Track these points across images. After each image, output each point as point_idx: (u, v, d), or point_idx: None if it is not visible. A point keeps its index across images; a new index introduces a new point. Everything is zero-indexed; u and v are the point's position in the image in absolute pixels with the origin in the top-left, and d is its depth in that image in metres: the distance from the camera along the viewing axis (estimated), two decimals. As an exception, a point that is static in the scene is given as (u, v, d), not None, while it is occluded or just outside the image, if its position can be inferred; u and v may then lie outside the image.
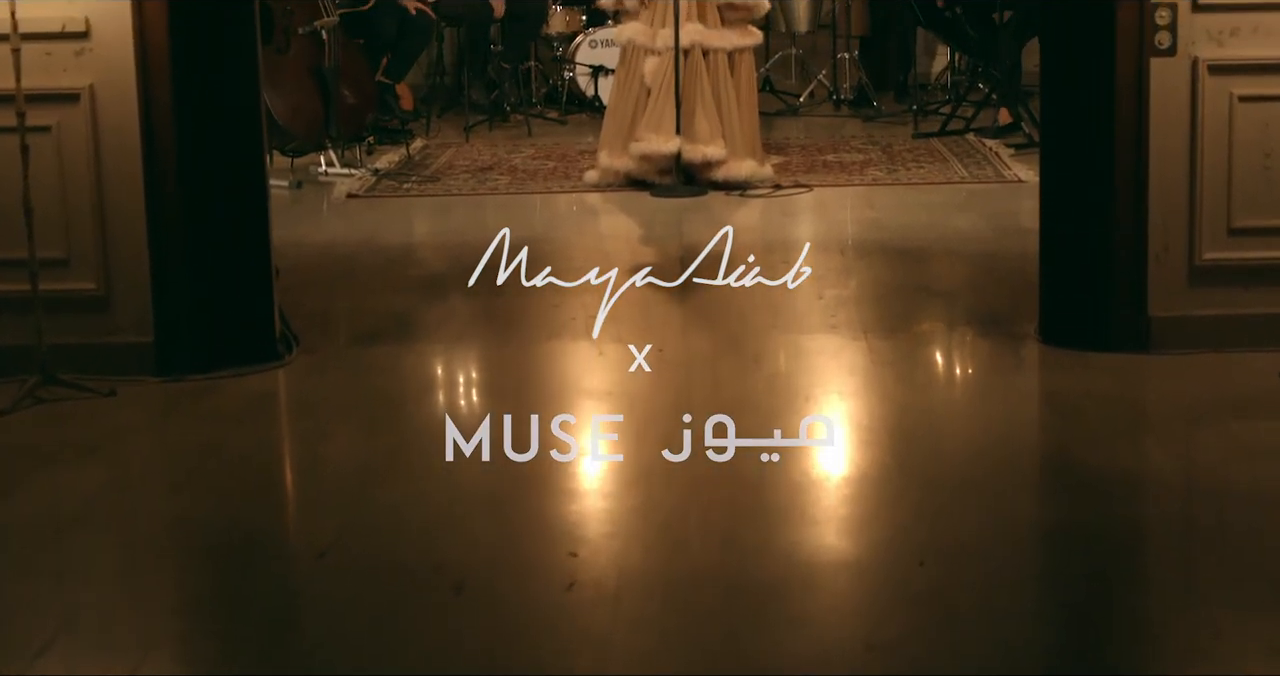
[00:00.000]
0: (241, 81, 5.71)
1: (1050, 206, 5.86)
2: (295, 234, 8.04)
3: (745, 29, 9.14)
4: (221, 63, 5.66)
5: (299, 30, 9.26)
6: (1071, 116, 5.72)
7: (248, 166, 5.78)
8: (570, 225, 8.31)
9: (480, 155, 10.37)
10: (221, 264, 5.75)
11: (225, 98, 5.69)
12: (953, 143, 10.50)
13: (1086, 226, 5.72)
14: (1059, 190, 5.81)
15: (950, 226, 8.01)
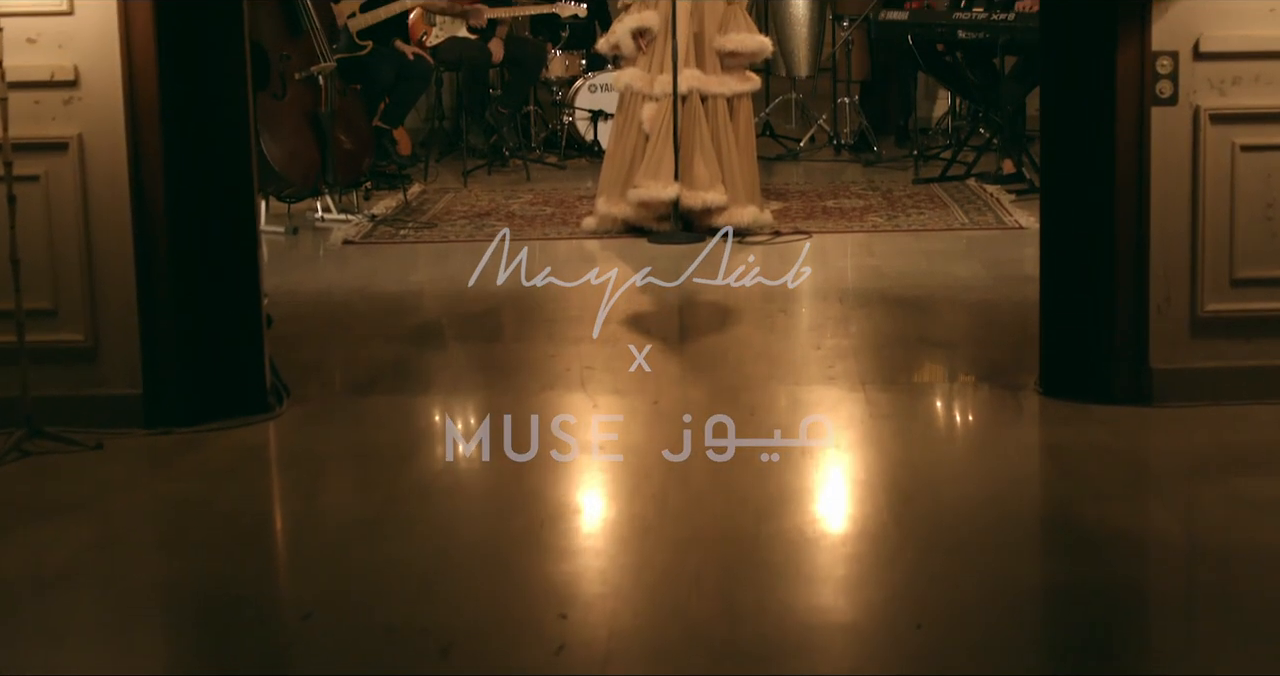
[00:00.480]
0: (233, 130, 5.65)
1: (1050, 257, 5.79)
2: (290, 281, 8.00)
3: (744, 75, 9.08)
4: (212, 111, 5.61)
5: (296, 76, 9.22)
6: (1071, 166, 5.66)
7: (239, 216, 5.71)
8: (566, 272, 8.22)
9: (478, 201, 10.31)
10: (212, 315, 5.69)
11: (216, 147, 5.63)
12: (953, 188, 10.44)
13: (1087, 277, 5.65)
14: (1059, 240, 5.74)
15: (950, 274, 7.95)
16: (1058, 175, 5.73)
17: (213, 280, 5.68)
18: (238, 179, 5.68)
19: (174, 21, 5.50)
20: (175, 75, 5.52)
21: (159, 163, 5.52)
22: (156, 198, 5.53)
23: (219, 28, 5.60)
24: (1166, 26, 5.44)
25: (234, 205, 5.69)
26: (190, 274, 5.63)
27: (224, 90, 5.62)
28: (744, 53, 8.99)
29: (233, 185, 5.68)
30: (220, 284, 5.70)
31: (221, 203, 5.67)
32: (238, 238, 5.71)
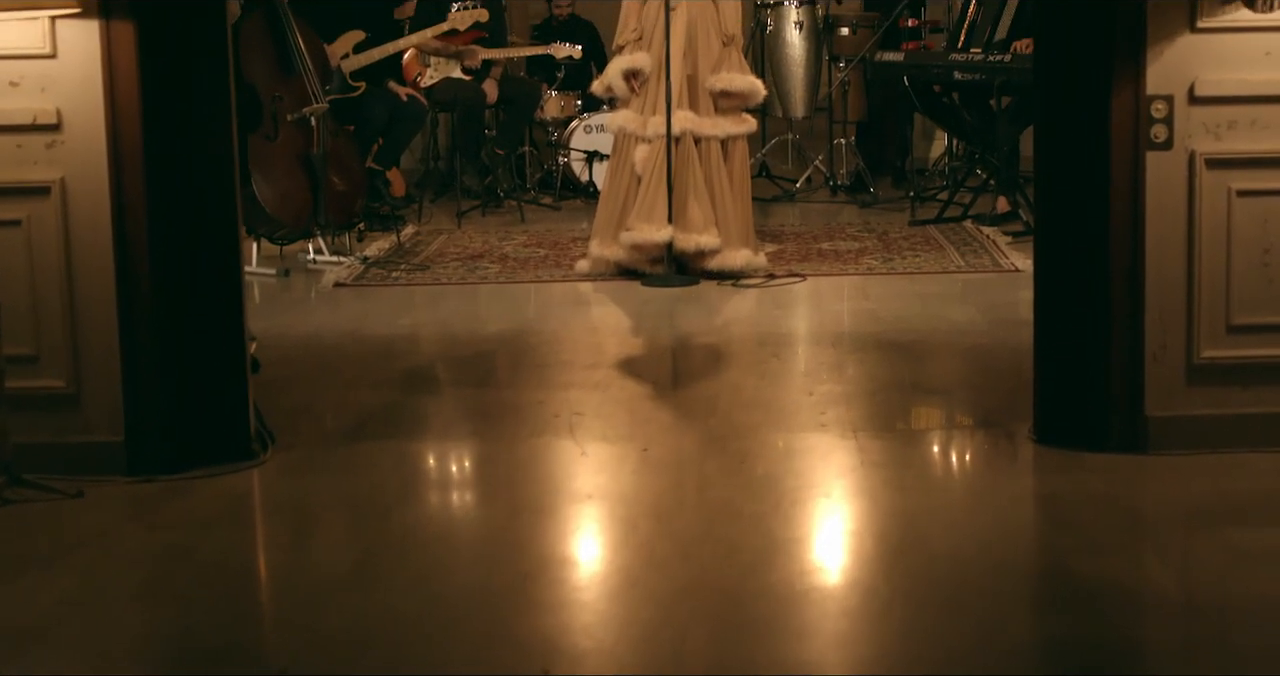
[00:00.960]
0: (218, 174, 5.58)
1: (1045, 303, 5.71)
2: (280, 324, 7.94)
3: (739, 117, 9.02)
4: (197, 155, 5.54)
5: (288, 117, 9.15)
6: (1065, 211, 5.59)
7: (223, 261, 5.64)
8: (559, 316, 8.18)
9: (471, 242, 10.26)
10: (195, 360, 5.61)
11: (201, 191, 5.56)
12: (949, 230, 10.39)
13: (1082, 324, 5.58)
14: (1053, 287, 5.67)
15: (945, 318, 7.88)
16: (1051, 221, 5.66)
17: (197, 325, 5.61)
18: (222, 223, 5.62)
19: (158, 64, 5.43)
20: (159, 119, 5.45)
21: (142, 207, 5.45)
22: (139, 243, 5.46)
23: (205, 70, 5.53)
24: (1161, 70, 5.38)
25: (219, 250, 5.62)
26: (174, 319, 5.55)
27: (209, 133, 5.55)
28: (735, 93, 8.93)
29: (217, 230, 5.61)
30: (204, 329, 5.62)
31: (206, 247, 5.60)
32: (222, 282, 5.64)
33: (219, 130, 5.57)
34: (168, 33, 5.45)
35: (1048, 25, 5.61)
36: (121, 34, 5.37)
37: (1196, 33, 5.37)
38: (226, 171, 5.60)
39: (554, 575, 4.68)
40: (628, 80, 8.94)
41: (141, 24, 5.38)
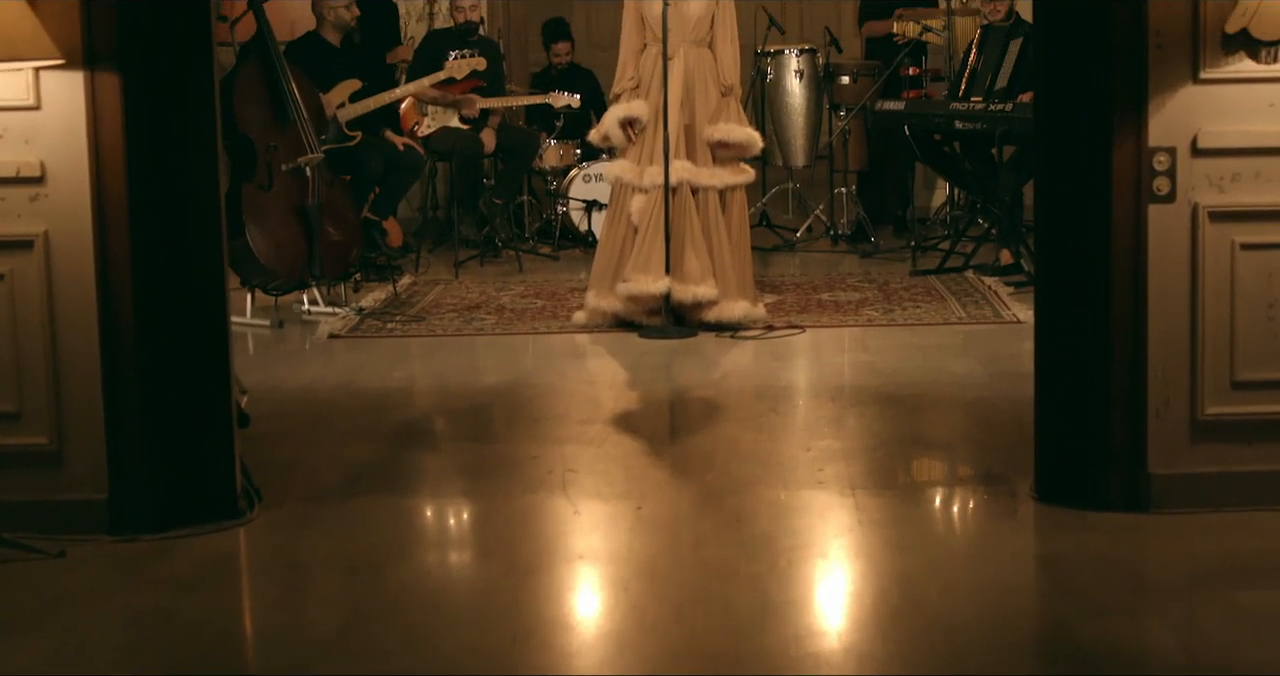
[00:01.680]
0: (204, 227, 5.50)
1: (1045, 358, 5.62)
2: (272, 377, 7.85)
3: (737, 167, 8.93)
4: (183, 208, 5.46)
5: (283, 167, 9.09)
6: (1066, 265, 5.50)
7: (209, 316, 5.55)
8: (555, 368, 8.07)
9: (468, 293, 10.17)
10: (181, 417, 5.52)
11: (187, 244, 5.48)
12: (951, 280, 10.29)
13: (1083, 380, 5.49)
14: (1054, 341, 5.58)
15: (946, 371, 7.78)
16: (1052, 274, 5.57)
17: (182, 381, 5.51)
18: (209, 276, 5.53)
19: (144, 116, 5.36)
20: (145, 171, 5.37)
21: (127, 261, 5.36)
22: (124, 297, 5.38)
23: (191, 121, 5.45)
24: (1163, 122, 5.30)
25: (205, 303, 5.54)
26: (158, 375, 5.46)
27: (196, 186, 5.47)
28: (733, 143, 8.85)
29: (204, 283, 5.52)
30: (190, 385, 5.53)
31: (192, 301, 5.51)
32: (208, 337, 5.55)
33: (206, 182, 5.49)
34: (153, 84, 5.37)
35: (1048, 75, 5.53)
36: (106, 85, 5.30)
37: (1199, 84, 5.29)
38: (213, 224, 5.52)
39: (544, 638, 4.58)
40: (625, 128, 8.86)
41: (127, 75, 5.31)
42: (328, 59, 10.33)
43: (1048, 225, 5.56)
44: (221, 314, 5.58)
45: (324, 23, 10.39)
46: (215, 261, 5.55)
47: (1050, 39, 5.48)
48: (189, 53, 5.43)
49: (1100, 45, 5.30)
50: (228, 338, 5.61)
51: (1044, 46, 5.54)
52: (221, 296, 5.58)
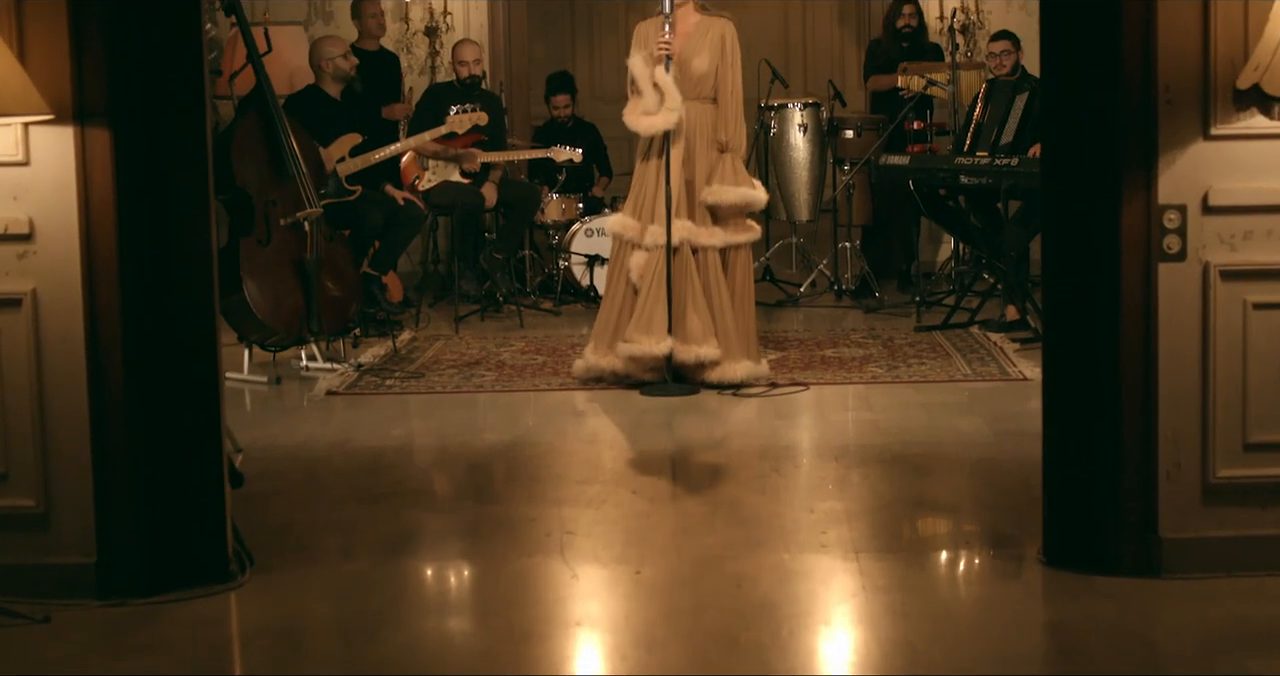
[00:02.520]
0: (196, 285, 5.39)
1: (1053, 420, 5.50)
2: (268, 435, 7.75)
3: (741, 224, 8.80)
4: (175, 266, 5.35)
5: (281, 222, 9.00)
6: (1074, 324, 5.39)
7: (201, 376, 5.44)
8: (555, 427, 7.96)
9: (469, 349, 10.07)
10: (171, 479, 5.40)
11: (178, 302, 5.38)
12: (956, 336, 10.20)
13: (1092, 442, 5.37)
14: (1062, 403, 5.46)
15: (952, 430, 7.66)
16: (1060, 334, 5.45)
17: (172, 442, 5.40)
18: (200, 336, 5.43)
19: (135, 172, 5.26)
20: (136, 228, 5.27)
21: (116, 319, 5.26)
22: (113, 357, 5.27)
23: (183, 178, 5.36)
24: (1173, 179, 5.19)
25: (196, 364, 5.43)
26: (148, 436, 5.35)
27: (187, 243, 5.37)
28: (725, 205, 8.74)
29: (196, 342, 5.42)
30: (180, 446, 5.42)
31: (183, 361, 5.40)
32: (200, 397, 5.44)
33: (198, 239, 5.39)
34: (145, 139, 5.28)
35: (1055, 130, 5.42)
36: (97, 141, 5.20)
37: (1210, 140, 5.18)
38: (205, 282, 5.41)
39: (538, 710, 4.46)
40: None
41: (118, 130, 5.22)
42: (328, 112, 10.26)
43: (1055, 283, 5.45)
44: (213, 373, 5.47)
45: (323, 75, 10.32)
46: (207, 320, 5.44)
47: (1057, 93, 5.38)
48: (181, 108, 5.34)
49: (1109, 100, 5.20)
50: (219, 398, 5.50)
51: (1051, 101, 5.44)
52: (213, 356, 5.47)
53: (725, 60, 8.78)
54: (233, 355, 9.37)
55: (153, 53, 5.28)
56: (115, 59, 5.20)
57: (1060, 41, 5.33)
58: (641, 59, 8.68)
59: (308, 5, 13.15)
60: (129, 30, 5.23)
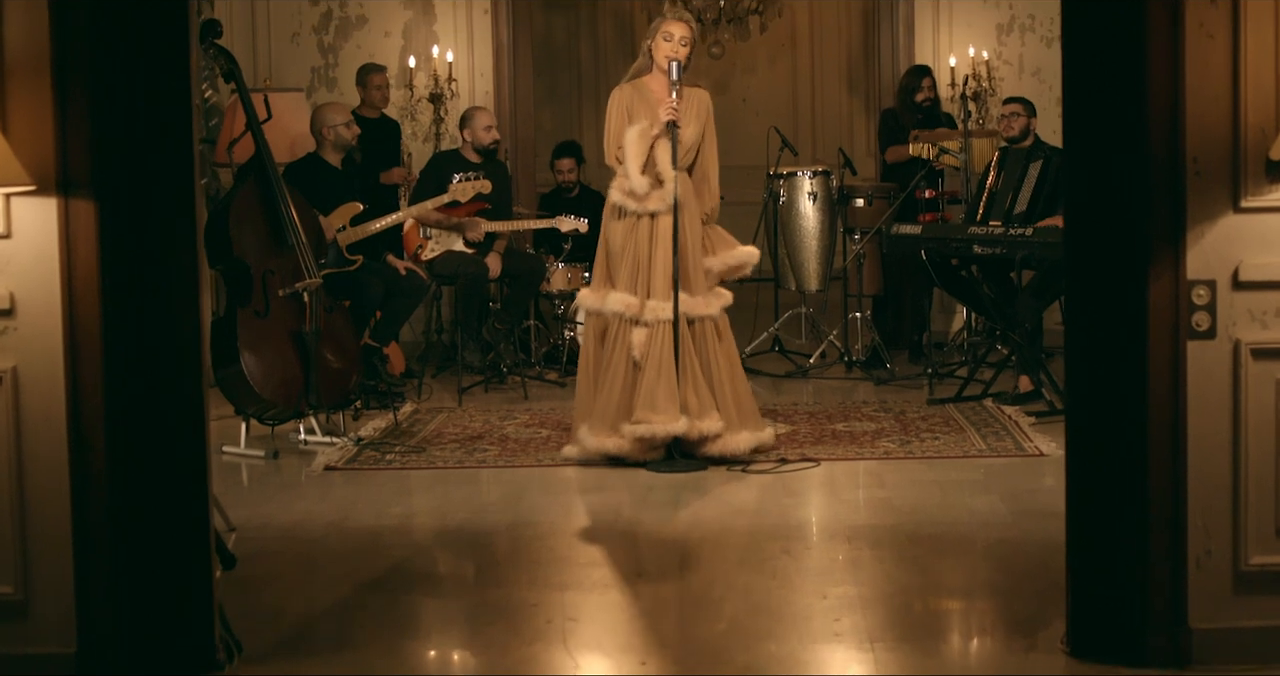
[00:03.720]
0: (184, 361, 5.18)
1: (1078, 503, 5.27)
2: (262, 513, 7.53)
3: (719, 291, 8.63)
4: (161, 341, 5.14)
5: (280, 292, 8.80)
6: (1099, 405, 5.16)
7: (188, 456, 5.22)
8: (559, 504, 7.73)
9: (472, 421, 9.85)
10: (155, 565, 5.18)
11: (165, 380, 5.16)
12: (969, 409, 9.98)
13: (1118, 526, 5.14)
14: (1086, 486, 5.23)
15: (968, 508, 7.43)
16: (1084, 414, 5.23)
17: (157, 525, 5.18)
18: (187, 415, 5.21)
19: (121, 245, 5.06)
20: (121, 303, 5.07)
21: (100, 399, 5.05)
22: (96, 436, 5.06)
23: (171, 251, 5.15)
24: (1202, 253, 4.98)
25: (183, 444, 5.21)
26: (132, 519, 5.13)
27: (175, 319, 5.16)
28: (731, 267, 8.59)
29: (182, 423, 5.20)
30: (166, 530, 5.19)
31: (169, 441, 5.19)
32: (186, 480, 5.22)
33: (186, 315, 5.17)
34: (131, 211, 5.08)
35: (1078, 202, 5.21)
36: (81, 213, 5.01)
37: (1240, 213, 4.97)
38: (193, 359, 5.20)
39: None
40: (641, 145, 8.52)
41: (103, 202, 5.02)
42: (328, 181, 10.08)
43: (1079, 361, 5.23)
44: (201, 454, 5.25)
45: (324, 143, 10.14)
46: (195, 399, 5.22)
47: (1081, 163, 5.17)
48: (170, 178, 5.13)
49: (1135, 171, 5.00)
50: (207, 479, 5.28)
51: (1074, 171, 5.23)
52: (201, 435, 5.25)
53: (706, 131, 8.61)
54: (229, 428, 9.19)
55: (140, 121, 5.08)
56: (100, 127, 5.01)
57: (1083, 110, 5.12)
58: (637, 133, 8.46)
59: (311, 72, 12.99)
60: (115, 98, 5.04)
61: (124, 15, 5.05)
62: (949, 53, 12.96)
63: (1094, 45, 5.08)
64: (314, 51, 13.04)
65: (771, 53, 18.39)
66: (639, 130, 8.44)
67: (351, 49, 12.99)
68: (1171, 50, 4.94)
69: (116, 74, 5.05)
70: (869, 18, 15.99)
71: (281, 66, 12.88)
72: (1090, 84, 5.09)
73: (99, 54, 5.02)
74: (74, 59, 4.98)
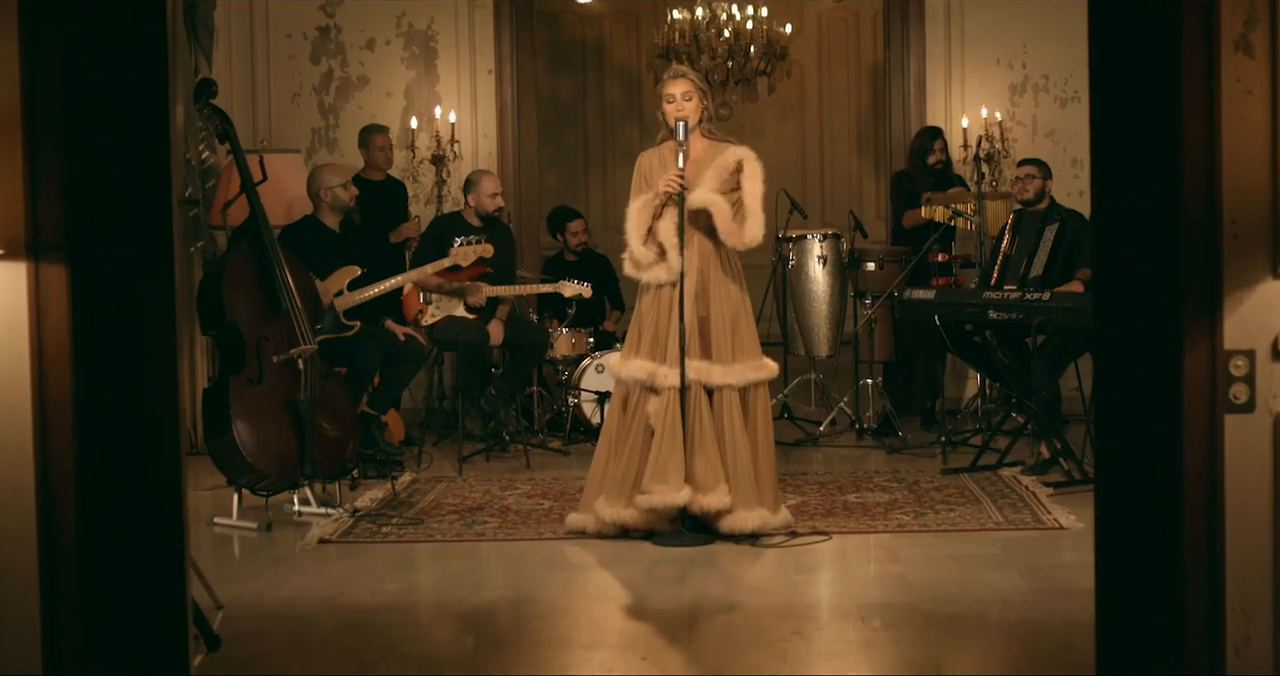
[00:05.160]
0: (160, 435, 4.89)
1: (1106, 584, 4.97)
2: (253, 589, 7.25)
3: (758, 362, 8.24)
4: (135, 414, 4.86)
5: (274, 359, 8.55)
6: (1130, 481, 4.87)
7: (164, 533, 4.92)
8: (560, 580, 7.44)
9: (472, 492, 9.57)
10: (128, 647, 4.87)
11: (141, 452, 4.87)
12: (985, 479, 9.69)
13: (1151, 611, 4.83)
14: (1117, 567, 4.93)
15: (986, 585, 7.13)
16: (1114, 490, 4.93)
17: (131, 606, 4.87)
18: (164, 488, 4.91)
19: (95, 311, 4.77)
20: (94, 372, 4.77)
21: (70, 472, 4.75)
22: (67, 513, 4.75)
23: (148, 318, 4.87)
24: (1240, 322, 4.69)
25: (159, 521, 4.91)
26: (104, 599, 4.82)
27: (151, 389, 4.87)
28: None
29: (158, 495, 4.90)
30: (140, 610, 4.89)
31: (145, 518, 4.89)
32: (163, 558, 4.92)
33: (163, 384, 4.88)
34: (105, 275, 4.80)
35: (1107, 267, 4.93)
36: (52, 278, 4.72)
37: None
38: (171, 432, 4.91)
39: None
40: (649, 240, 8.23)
41: (75, 266, 4.74)
42: (325, 244, 9.85)
43: (1109, 435, 4.94)
44: (178, 530, 4.95)
45: (321, 205, 9.91)
46: (172, 471, 4.92)
47: (1110, 226, 4.90)
48: (145, 241, 4.86)
49: (1168, 234, 4.71)
50: (185, 558, 4.98)
51: (1103, 234, 4.95)
52: (178, 511, 4.95)
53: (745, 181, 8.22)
54: (222, 499, 8.93)
55: (115, 182, 4.81)
56: (73, 188, 4.74)
57: (1113, 170, 4.85)
58: (640, 205, 8.19)
59: (311, 133, 12.77)
60: (89, 157, 4.77)
61: (99, 73, 4.79)
62: (961, 113, 12.74)
63: (1125, 101, 4.81)
64: (314, 112, 12.82)
65: (780, 114, 18.20)
66: (641, 202, 8.19)
67: (353, 109, 12.77)
68: (1207, 106, 4.67)
69: (90, 133, 4.78)
70: (879, 78, 15.83)
71: (282, 127, 12.66)
72: (1121, 142, 4.82)
73: (72, 112, 4.76)
74: (46, 118, 4.71)
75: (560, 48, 18.06)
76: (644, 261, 8.14)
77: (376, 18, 12.83)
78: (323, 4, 12.80)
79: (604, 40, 18.32)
